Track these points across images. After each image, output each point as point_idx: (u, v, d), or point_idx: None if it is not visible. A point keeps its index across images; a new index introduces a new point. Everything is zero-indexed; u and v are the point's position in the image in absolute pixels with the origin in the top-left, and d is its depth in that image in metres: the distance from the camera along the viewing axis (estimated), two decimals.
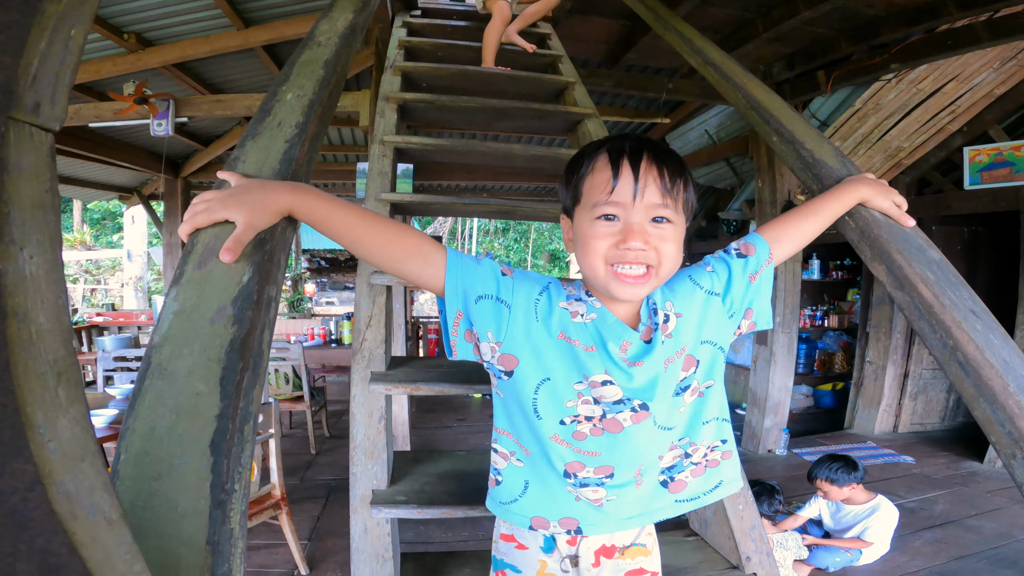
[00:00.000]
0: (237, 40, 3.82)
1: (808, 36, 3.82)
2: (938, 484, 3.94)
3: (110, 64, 3.92)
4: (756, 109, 1.45)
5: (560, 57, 2.66)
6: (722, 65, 1.65)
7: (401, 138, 1.86)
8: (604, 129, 2.19)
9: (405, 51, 2.59)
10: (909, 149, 4.43)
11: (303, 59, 1.15)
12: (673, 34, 1.90)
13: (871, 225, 1.07)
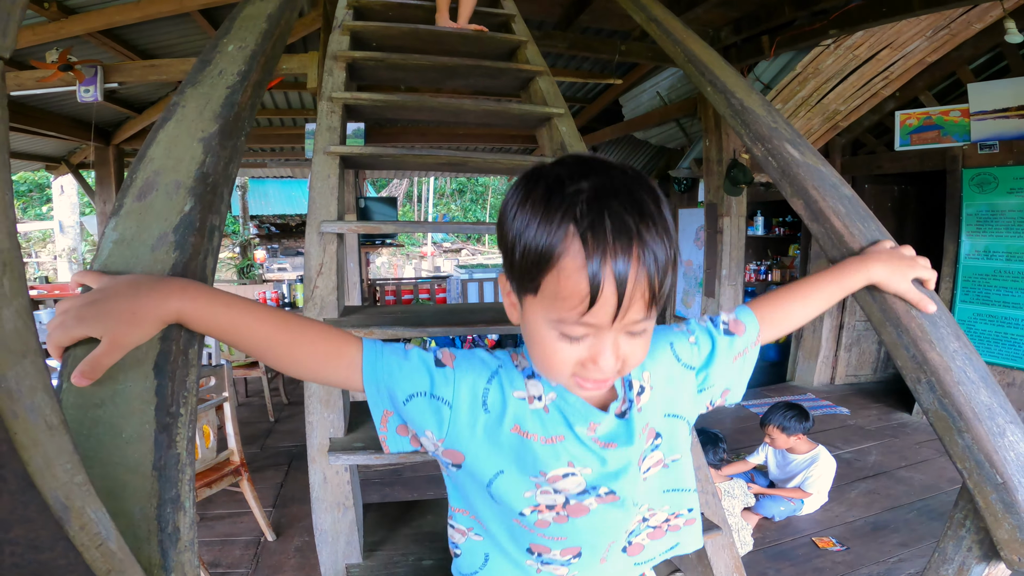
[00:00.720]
0: (171, 5, 3.60)
1: (754, 1, 3.91)
2: (871, 435, 4.17)
3: (29, 33, 3.64)
4: (693, 62, 1.51)
5: (513, 17, 2.65)
6: (663, 21, 1.69)
7: (350, 95, 1.84)
8: (556, 87, 2.21)
9: (354, 11, 2.52)
10: (845, 112, 4.63)
11: (245, 14, 1.13)
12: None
13: (791, 165, 1.15)
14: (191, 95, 0.89)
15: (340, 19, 2.39)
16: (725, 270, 4.61)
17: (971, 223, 4.21)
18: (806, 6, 3.72)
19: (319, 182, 1.61)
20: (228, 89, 0.91)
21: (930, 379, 0.91)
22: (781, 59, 4.23)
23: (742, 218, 4.63)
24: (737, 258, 4.59)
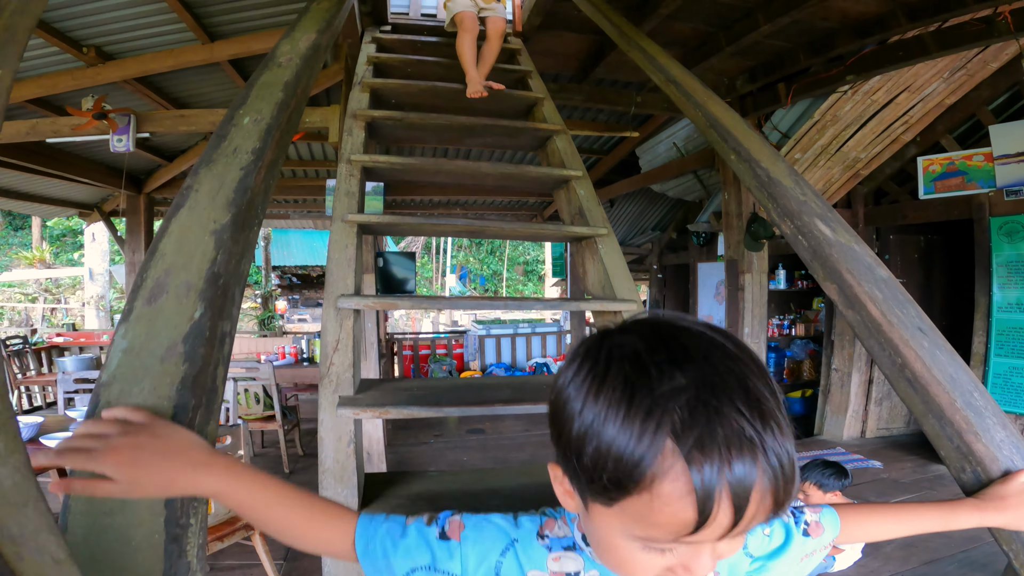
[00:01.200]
0: (202, 55, 3.75)
1: (769, 50, 3.93)
2: (906, 488, 4.01)
3: (68, 78, 3.81)
4: (715, 127, 1.49)
5: (529, 72, 2.69)
6: (683, 83, 1.69)
7: (368, 157, 1.86)
8: (572, 146, 2.22)
9: (374, 67, 2.59)
10: (866, 160, 4.59)
11: (262, 81, 1.14)
12: (637, 51, 1.94)
13: (823, 245, 1.11)
14: (205, 177, 0.89)
15: (360, 76, 2.45)
16: (747, 328, 4.51)
17: (1002, 274, 4.08)
18: (821, 52, 3.72)
19: (337, 253, 1.60)
20: (242, 171, 0.91)
21: (975, 469, 0.89)
22: (798, 107, 4.24)
23: (764, 274, 4.53)
24: (760, 315, 4.49)
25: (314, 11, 1.51)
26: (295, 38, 1.33)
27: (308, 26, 1.40)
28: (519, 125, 2.20)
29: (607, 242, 1.92)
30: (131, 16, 3.32)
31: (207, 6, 3.34)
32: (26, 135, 4.17)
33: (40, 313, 14.24)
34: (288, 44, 1.30)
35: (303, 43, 1.31)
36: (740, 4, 3.33)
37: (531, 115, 2.52)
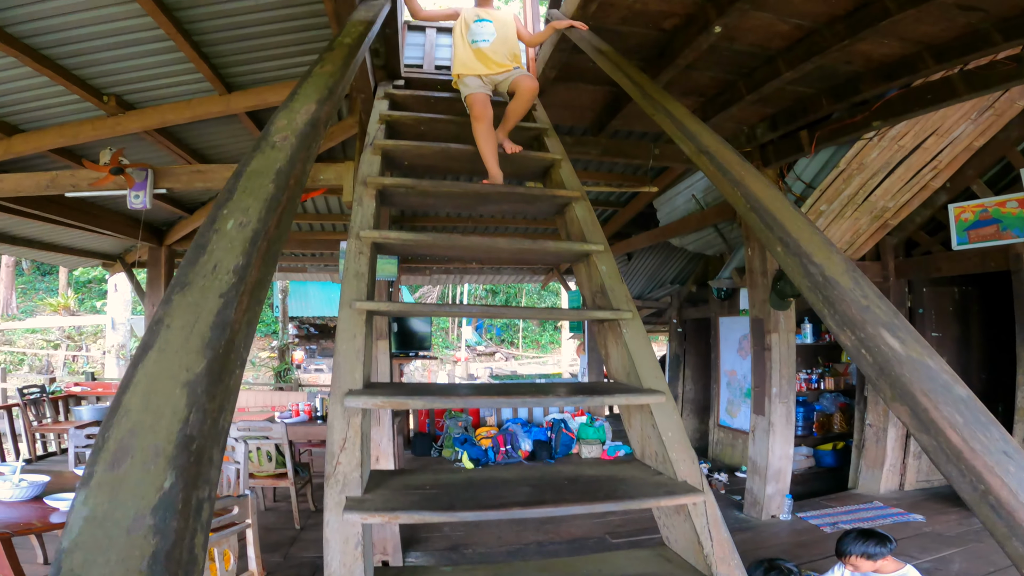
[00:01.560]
0: (219, 106, 3.78)
1: (790, 96, 3.83)
2: (951, 542, 3.78)
3: (89, 128, 3.85)
4: (757, 210, 1.35)
5: (546, 130, 2.62)
6: (718, 154, 1.57)
7: (379, 233, 1.77)
8: (592, 214, 2.12)
9: (386, 126, 2.54)
10: (895, 209, 4.43)
11: (252, 168, 1.03)
12: (663, 115, 1.84)
13: (891, 362, 0.96)
14: (178, 307, 0.77)
15: (372, 136, 2.39)
16: (776, 388, 4.31)
17: None
18: (845, 98, 3.60)
19: (344, 344, 1.50)
20: (221, 299, 0.79)
21: None
22: (822, 155, 4.12)
23: (791, 332, 4.35)
24: (788, 375, 4.29)
25: (316, 77, 1.43)
26: (293, 109, 1.23)
27: (308, 94, 1.32)
28: (536, 192, 2.10)
29: (632, 326, 1.80)
30: (151, 65, 3.37)
31: (224, 56, 3.39)
32: (46, 188, 4.20)
33: (61, 360, 14.38)
34: (285, 117, 1.20)
35: (301, 116, 1.21)
36: (760, 51, 3.26)
37: (548, 176, 2.43)
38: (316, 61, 1.53)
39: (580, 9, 2.70)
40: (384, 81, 3.14)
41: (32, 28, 2.81)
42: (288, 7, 3.04)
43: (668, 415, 1.61)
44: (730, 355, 6.01)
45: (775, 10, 2.80)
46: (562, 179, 2.30)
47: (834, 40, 2.88)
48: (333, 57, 1.57)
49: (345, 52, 1.63)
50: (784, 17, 2.88)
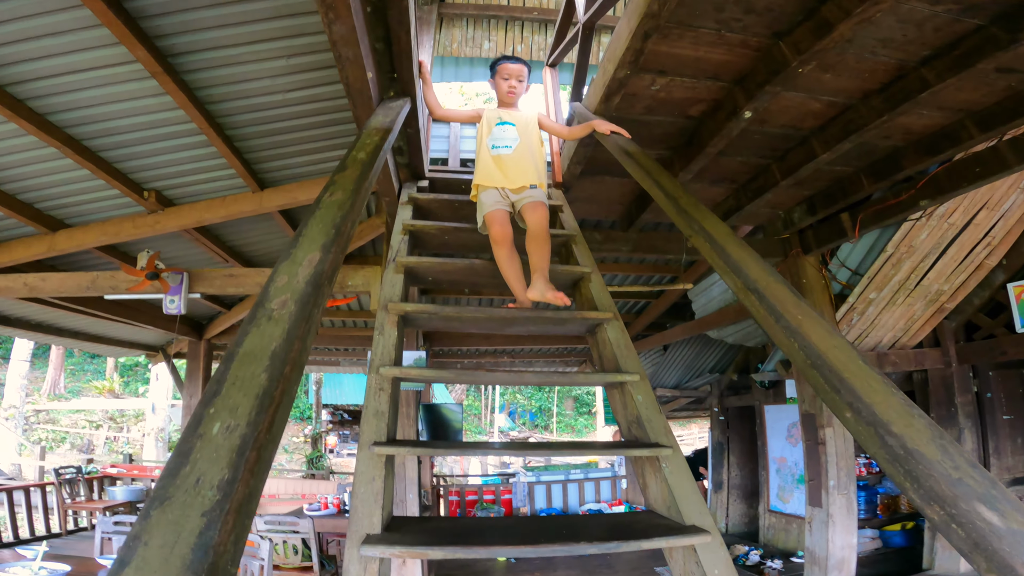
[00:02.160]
0: (252, 204, 3.87)
1: (828, 177, 3.66)
2: None
3: (130, 226, 3.97)
4: (819, 367, 1.17)
5: (573, 237, 2.53)
6: (769, 291, 1.39)
7: (399, 370, 1.67)
8: (626, 335, 1.99)
9: (410, 235, 2.49)
10: (950, 291, 4.15)
11: (245, 350, 0.91)
12: (702, 239, 1.70)
13: (989, 537, 0.81)
14: (157, 524, 0.66)
15: (395, 250, 2.34)
16: (833, 480, 3.96)
17: None
18: (887, 176, 3.39)
19: (362, 486, 1.38)
20: (204, 518, 0.67)
21: None
22: (867, 238, 3.91)
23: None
24: (846, 467, 3.94)
25: (324, 209, 1.33)
26: (295, 260, 1.13)
27: (314, 237, 1.21)
28: (564, 315, 1.98)
29: (673, 460, 1.62)
30: (187, 159, 3.48)
31: (256, 152, 3.49)
32: (86, 289, 4.30)
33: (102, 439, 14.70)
34: (286, 272, 1.09)
35: (304, 270, 1.11)
36: (793, 132, 3.14)
37: (577, 289, 2.32)
38: (327, 186, 1.45)
39: (603, 102, 2.65)
40: (409, 182, 3.14)
41: (74, 117, 2.91)
42: (315, 102, 3.13)
43: (715, 554, 1.41)
44: (778, 442, 5.79)
45: (806, 89, 2.69)
46: (592, 294, 2.18)
47: (871, 116, 2.73)
48: (345, 180, 1.49)
49: (358, 171, 1.56)
50: (816, 95, 2.76)
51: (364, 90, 2.01)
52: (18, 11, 2.21)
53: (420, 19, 5.19)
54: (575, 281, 2.34)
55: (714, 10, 2.20)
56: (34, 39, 2.36)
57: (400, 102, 2.21)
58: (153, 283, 3.92)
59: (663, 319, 6.24)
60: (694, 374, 7.52)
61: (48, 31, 2.34)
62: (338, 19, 1.66)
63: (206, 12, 2.38)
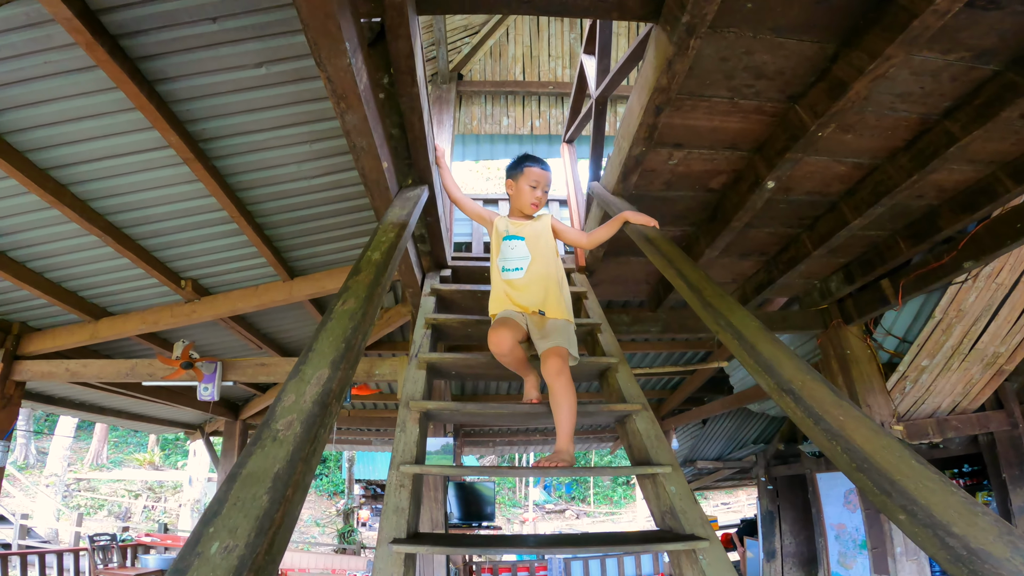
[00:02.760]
0: (283, 293, 3.96)
1: (862, 242, 3.54)
2: None
3: (168, 315, 4.10)
4: (867, 471, 1.08)
5: (599, 326, 2.47)
6: (806, 392, 1.29)
7: (419, 468, 1.63)
8: (657, 427, 1.89)
9: (432, 329, 2.46)
10: (1007, 353, 3.89)
11: (248, 471, 0.89)
12: (729, 335, 1.60)
13: None
14: None
15: (418, 344, 2.31)
16: (900, 547, 3.67)
17: None
18: (925, 237, 3.24)
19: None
20: None
21: None
22: (912, 305, 3.73)
23: None
24: None
25: (337, 319, 1.31)
26: (303, 378, 1.11)
27: (324, 352, 1.19)
28: (591, 409, 1.90)
29: (711, 553, 1.50)
30: (221, 248, 3.60)
31: (285, 240, 3.60)
32: (125, 376, 4.41)
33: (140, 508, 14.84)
34: (293, 391, 1.07)
35: (311, 389, 1.09)
36: (820, 199, 3.05)
37: (604, 379, 2.24)
38: (340, 293, 1.43)
39: (621, 181, 2.62)
40: (431, 271, 3.15)
41: (113, 204, 3.03)
42: (339, 188, 3.21)
43: None
44: (835, 509, 5.49)
45: (829, 152, 2.62)
46: (620, 385, 2.09)
47: (900, 175, 2.63)
48: (358, 286, 1.47)
49: (372, 275, 1.54)
50: (840, 158, 2.68)
51: (380, 180, 2.03)
52: (58, 92, 2.33)
53: (439, 98, 5.43)
54: (601, 372, 2.26)
55: (724, 78, 2.19)
56: (74, 120, 2.48)
57: (418, 191, 2.23)
58: (188, 372, 4.00)
59: (700, 393, 6.02)
60: (737, 446, 7.23)
61: (87, 113, 2.45)
62: (350, 109, 1.69)
63: (233, 97, 2.49)
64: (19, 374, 4.12)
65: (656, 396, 6.89)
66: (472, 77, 6.04)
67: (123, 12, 2.03)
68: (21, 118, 2.42)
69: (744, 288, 3.97)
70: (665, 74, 1.98)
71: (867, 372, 3.84)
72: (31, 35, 2.08)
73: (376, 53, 1.85)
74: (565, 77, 6.12)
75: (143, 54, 2.21)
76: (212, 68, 2.33)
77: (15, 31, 2.05)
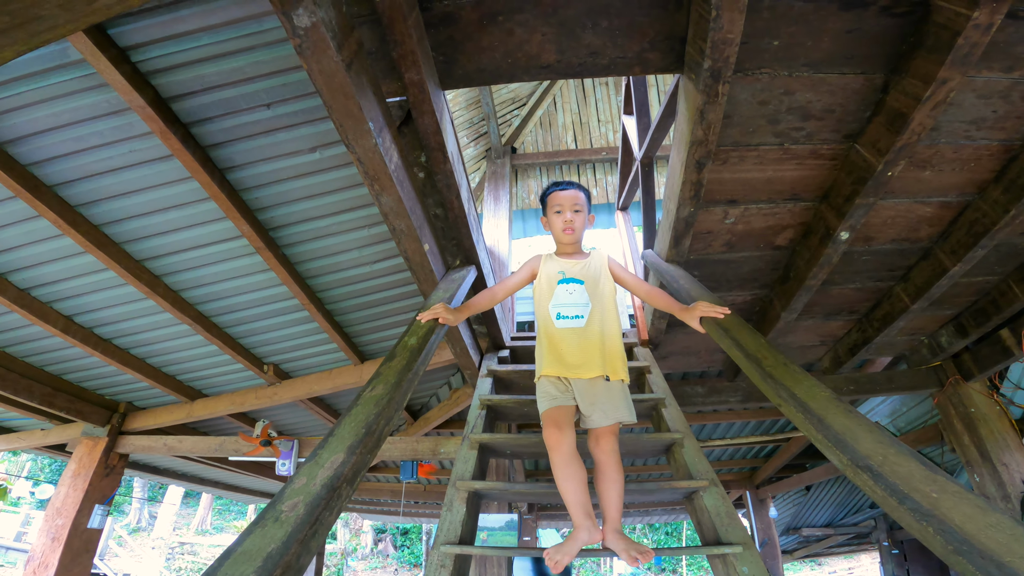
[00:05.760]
0: (354, 376, 4.09)
1: (969, 290, 3.14)
2: None
3: (252, 397, 4.33)
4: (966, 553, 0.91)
5: (662, 400, 2.30)
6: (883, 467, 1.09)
7: (459, 548, 1.55)
8: (726, 501, 1.69)
9: (488, 409, 2.40)
10: None
11: (243, 549, 0.90)
12: (793, 408, 1.42)
13: None
14: None
15: (471, 425, 2.26)
16: None
17: None
18: None
19: None
20: None
21: None
22: None
23: None
24: None
25: (362, 405, 1.30)
26: (319, 461, 1.11)
27: (343, 436, 1.19)
28: (652, 487, 1.73)
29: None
30: (298, 335, 3.78)
31: (354, 325, 3.73)
32: (215, 451, 4.65)
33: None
34: (306, 474, 1.08)
35: (323, 474, 1.08)
36: (909, 247, 2.75)
37: (671, 455, 2.05)
38: (371, 379, 1.42)
39: (673, 247, 2.46)
40: (490, 352, 3.11)
41: (201, 294, 3.22)
42: (399, 272, 3.26)
43: None
44: None
45: (907, 193, 2.38)
46: (686, 460, 1.91)
47: (995, 212, 2.33)
48: (389, 372, 1.45)
49: (406, 359, 1.52)
50: (921, 199, 2.42)
51: (424, 263, 2.04)
52: (144, 182, 2.46)
53: (495, 173, 5.55)
54: (667, 447, 2.08)
55: (768, 123, 2.06)
56: (161, 211, 2.62)
57: (463, 272, 2.23)
58: (266, 449, 4.15)
59: (800, 460, 5.44)
60: (849, 511, 6.47)
61: (171, 203, 2.58)
62: (383, 190, 1.72)
63: (294, 183, 2.58)
64: (122, 447, 4.47)
65: (748, 464, 6.31)
66: (525, 149, 6.17)
67: (189, 100, 2.14)
68: (115, 209, 2.58)
69: (836, 351, 3.61)
70: (699, 125, 1.90)
71: (998, 429, 3.36)
72: (115, 123, 2.19)
73: (409, 132, 1.90)
74: (616, 141, 6.12)
75: (211, 142, 2.32)
76: (272, 155, 2.42)
77: (101, 119, 2.17)
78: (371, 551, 20.63)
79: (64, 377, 4.05)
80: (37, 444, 4.93)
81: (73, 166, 2.35)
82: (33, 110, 2.12)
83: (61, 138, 2.23)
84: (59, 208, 2.46)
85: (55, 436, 4.75)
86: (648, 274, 2.99)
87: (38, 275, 2.95)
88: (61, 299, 3.15)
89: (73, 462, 4.36)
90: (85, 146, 2.27)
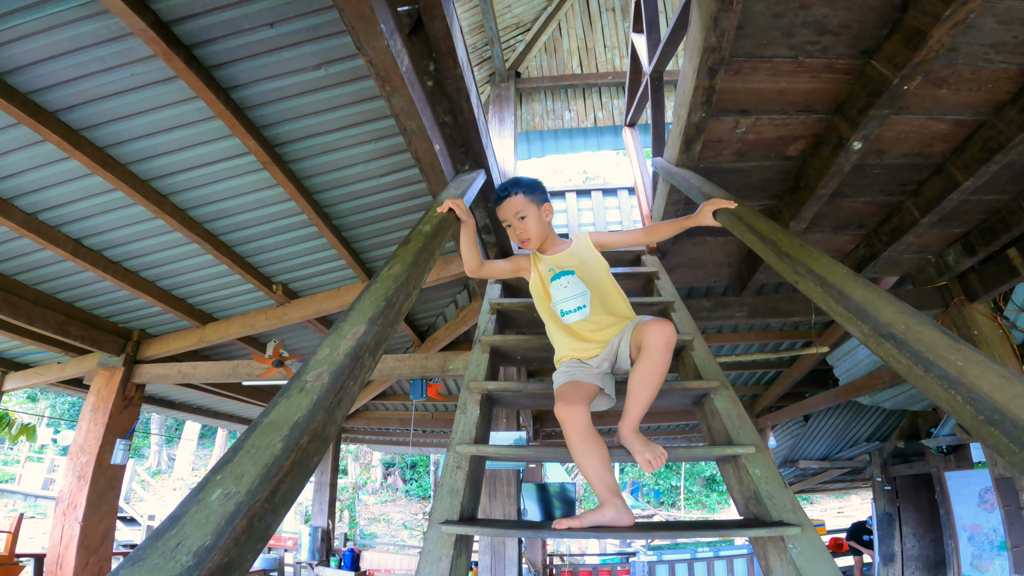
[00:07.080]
0: None
1: (979, 208, 3.13)
2: None
3: (263, 318, 4.41)
4: (997, 423, 0.87)
5: (671, 303, 2.32)
6: (907, 334, 1.08)
7: (476, 448, 1.58)
8: (737, 403, 1.73)
9: (498, 314, 2.43)
10: None
11: (270, 419, 0.88)
12: (810, 282, 1.41)
13: None
14: None
15: (481, 329, 2.29)
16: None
17: None
18: None
19: (427, 566, 1.31)
20: None
21: None
22: None
23: None
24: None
25: (381, 282, 1.30)
26: (341, 332, 1.11)
27: (364, 309, 1.19)
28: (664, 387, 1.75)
29: (804, 540, 1.32)
30: (305, 252, 3.81)
31: (361, 240, 3.75)
32: (228, 376, 4.76)
33: None
34: (329, 345, 1.07)
35: (345, 344, 1.07)
36: (921, 161, 2.73)
37: (679, 359, 2.09)
38: (388, 260, 1.43)
39: (683, 152, 2.46)
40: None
41: (208, 212, 3.24)
42: (406, 186, 3.26)
43: None
44: (968, 509, 5.15)
45: (923, 109, 2.38)
46: (696, 363, 1.95)
47: (1010, 130, 2.35)
48: (405, 254, 1.46)
49: (420, 243, 1.52)
50: (937, 115, 2.42)
51: (434, 163, 2.03)
52: (147, 103, 2.49)
53: (499, 96, 5.44)
54: (677, 350, 2.11)
55: (783, 36, 2.03)
56: (165, 131, 2.64)
57: (473, 174, 2.21)
58: (279, 370, 4.24)
59: (800, 388, 5.55)
60: (846, 444, 6.63)
61: (175, 123, 2.61)
62: (395, 91, 1.71)
63: (298, 100, 2.59)
64: (139, 377, 4.55)
65: (749, 392, 6.44)
66: (530, 74, 6.02)
67: (191, 22, 2.14)
68: (120, 131, 2.60)
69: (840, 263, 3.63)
70: (712, 32, 1.86)
71: (1000, 354, 3.40)
72: (116, 48, 2.22)
73: (418, 41, 1.87)
74: (623, 66, 5.98)
75: (215, 62, 2.33)
76: (276, 72, 2.42)
77: (102, 44, 2.19)
78: (381, 485, 21.52)
79: (76, 304, 4.10)
80: (54, 378, 5.04)
81: (75, 91, 2.36)
82: (31, 40, 2.11)
83: (61, 65, 2.23)
84: (63, 132, 2.47)
85: (72, 369, 4.85)
86: (658, 180, 2.98)
87: (44, 198, 2.96)
88: (69, 222, 3.16)
89: (92, 395, 4.45)
90: (86, 72, 2.28)
